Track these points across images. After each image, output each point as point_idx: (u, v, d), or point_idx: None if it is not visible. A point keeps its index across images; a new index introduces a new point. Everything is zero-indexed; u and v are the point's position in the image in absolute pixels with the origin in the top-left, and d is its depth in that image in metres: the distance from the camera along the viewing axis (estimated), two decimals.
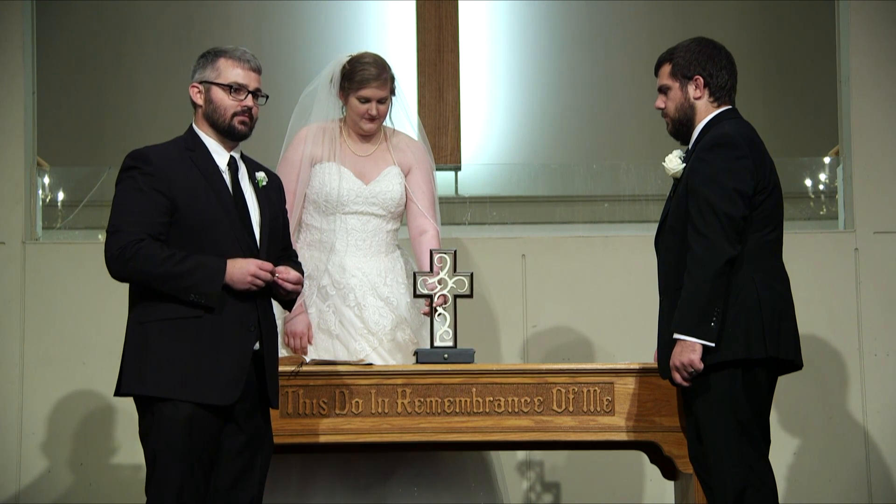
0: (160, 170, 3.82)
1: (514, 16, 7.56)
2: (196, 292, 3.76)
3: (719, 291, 3.96)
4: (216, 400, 3.76)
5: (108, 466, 5.99)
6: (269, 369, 3.90)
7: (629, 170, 6.68)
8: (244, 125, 3.93)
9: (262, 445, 3.92)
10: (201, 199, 3.83)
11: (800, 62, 7.42)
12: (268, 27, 7.48)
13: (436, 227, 4.88)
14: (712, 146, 4.07)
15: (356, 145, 4.88)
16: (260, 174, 4.00)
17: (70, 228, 6.51)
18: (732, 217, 3.98)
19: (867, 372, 6.01)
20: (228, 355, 3.79)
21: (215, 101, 3.92)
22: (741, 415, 3.99)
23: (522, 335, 6.11)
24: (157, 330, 3.79)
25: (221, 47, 3.99)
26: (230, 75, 3.92)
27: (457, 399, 4.34)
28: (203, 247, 3.81)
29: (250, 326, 3.83)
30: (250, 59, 3.96)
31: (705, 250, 3.96)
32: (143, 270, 3.77)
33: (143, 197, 3.80)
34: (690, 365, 3.96)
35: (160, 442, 3.75)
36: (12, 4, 6.21)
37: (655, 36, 7.48)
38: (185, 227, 3.82)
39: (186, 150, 3.90)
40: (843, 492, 5.92)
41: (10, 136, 6.16)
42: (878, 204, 6.14)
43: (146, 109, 7.44)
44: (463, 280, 4.47)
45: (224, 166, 3.93)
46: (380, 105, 4.79)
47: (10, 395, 6.00)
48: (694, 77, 4.19)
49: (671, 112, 4.23)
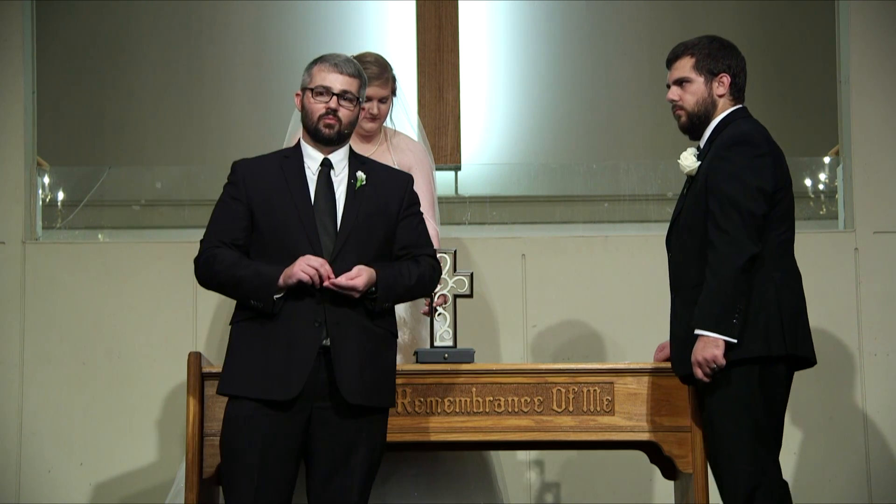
0: (242, 178, 3.96)
1: (514, 16, 7.55)
2: (255, 298, 3.85)
3: (742, 288, 3.98)
4: (274, 395, 3.81)
5: (108, 466, 5.99)
6: (342, 365, 3.86)
7: (629, 170, 6.68)
8: (328, 128, 3.97)
9: (358, 445, 3.90)
10: (278, 203, 3.92)
11: (800, 62, 7.42)
12: (268, 27, 7.47)
13: (435, 228, 4.88)
14: (733, 144, 4.08)
15: (357, 146, 4.86)
16: (359, 174, 4.01)
17: (70, 228, 6.50)
18: (755, 215, 4.00)
19: (867, 372, 6.01)
20: (289, 351, 3.83)
21: (306, 106, 4.01)
22: (756, 413, 4.01)
23: (522, 335, 6.11)
24: (236, 330, 3.94)
25: (323, 54, 4.06)
26: (318, 79, 3.98)
27: (457, 399, 4.34)
28: (279, 250, 3.89)
29: (315, 322, 3.85)
30: (341, 63, 4.00)
31: (729, 247, 3.98)
32: (214, 277, 3.93)
33: (226, 206, 3.97)
34: (714, 360, 3.98)
35: (225, 439, 3.88)
36: (12, 4, 6.21)
37: (655, 36, 7.48)
38: (262, 231, 3.93)
39: (282, 158, 4.01)
40: (843, 492, 5.93)
41: (10, 136, 6.16)
42: (878, 204, 6.14)
43: (146, 109, 7.44)
44: (463, 280, 4.47)
45: (316, 168, 3.98)
46: (381, 104, 4.79)
47: (10, 395, 6.00)
48: (720, 74, 4.20)
49: (690, 105, 4.23)
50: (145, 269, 6.07)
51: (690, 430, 4.30)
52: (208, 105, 7.42)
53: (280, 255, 3.88)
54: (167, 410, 6.00)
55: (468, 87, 6.46)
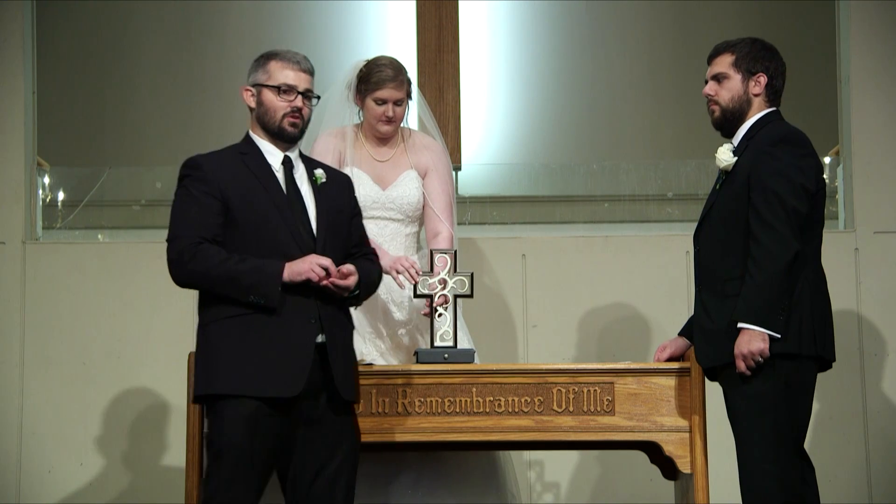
0: (211, 173, 3.89)
1: (514, 16, 7.56)
2: (255, 294, 3.79)
3: (787, 284, 4.02)
4: (278, 393, 3.79)
5: (108, 466, 5.99)
6: (337, 362, 3.89)
7: (629, 170, 6.68)
8: (294, 126, 3.98)
9: (343, 441, 3.92)
10: (254, 198, 3.89)
11: (800, 62, 7.40)
12: (268, 27, 7.48)
13: (450, 230, 4.81)
14: (778, 142, 4.12)
15: (374, 149, 4.85)
16: (318, 171, 4.03)
17: (70, 228, 6.51)
18: (799, 212, 4.05)
19: (867, 372, 6.01)
20: (288, 349, 3.82)
21: (266, 103, 3.97)
22: (779, 410, 4.04)
23: (522, 335, 6.11)
24: (217, 329, 3.84)
25: (274, 50, 4.04)
26: (280, 77, 3.96)
27: (457, 399, 4.34)
28: (260, 245, 3.85)
29: (310, 319, 3.85)
30: (301, 60, 4.00)
31: (775, 243, 4.02)
32: (202, 273, 3.83)
33: (197, 202, 3.87)
34: (760, 353, 4.00)
35: (222, 439, 3.78)
36: (12, 4, 6.21)
37: (655, 36, 7.49)
38: (241, 227, 3.87)
39: (240, 154, 3.97)
40: (843, 492, 5.92)
41: (10, 136, 6.16)
42: (878, 204, 6.14)
43: (146, 109, 7.44)
44: (463, 280, 4.47)
45: (278, 165, 3.97)
46: (396, 107, 4.76)
47: (10, 395, 6.00)
48: (758, 73, 4.23)
49: (725, 101, 4.25)
50: (145, 269, 6.07)
51: (690, 430, 4.30)
52: (208, 105, 7.42)
53: (260, 250, 3.85)
54: (167, 410, 6.00)
55: (468, 87, 6.46)
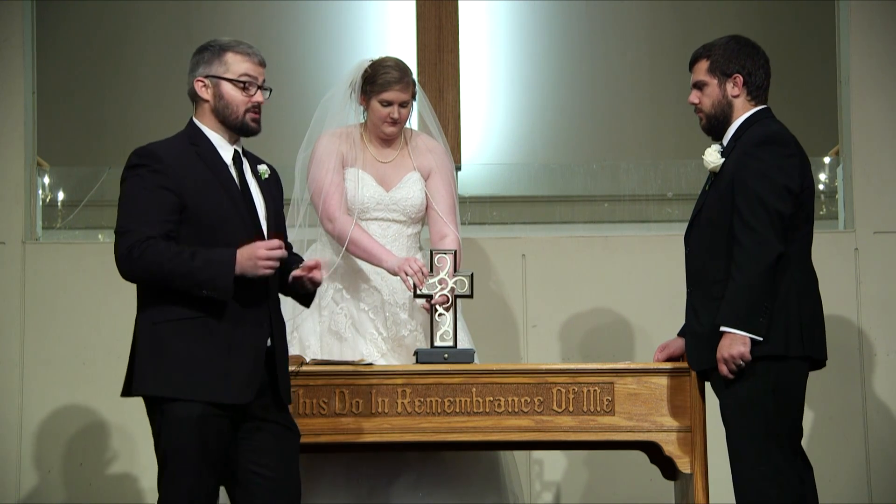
0: (168, 167, 3.76)
1: (514, 16, 7.56)
2: (208, 287, 3.69)
3: (768, 287, 4.01)
4: (232, 399, 3.73)
5: (107, 466, 5.99)
6: (281, 366, 3.87)
7: (629, 170, 6.68)
8: (256, 122, 3.89)
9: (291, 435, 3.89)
10: (212, 195, 3.79)
11: (800, 62, 7.42)
12: (268, 27, 7.48)
13: (456, 234, 4.80)
14: (762, 142, 4.10)
15: (378, 151, 4.83)
16: (262, 167, 3.96)
17: (70, 228, 6.51)
18: (782, 213, 4.03)
19: (867, 372, 6.01)
20: (242, 353, 3.75)
21: (226, 96, 3.86)
22: (768, 411, 4.04)
23: (522, 335, 6.11)
24: (170, 330, 3.73)
25: (222, 40, 3.92)
26: (239, 69, 3.87)
27: (457, 399, 4.34)
28: (216, 243, 3.75)
29: (262, 323, 3.81)
30: (257, 52, 3.91)
31: (756, 245, 4.00)
32: (152, 269, 3.70)
33: (152, 195, 3.73)
34: (741, 357, 4.00)
35: (172, 442, 3.72)
36: (12, 4, 6.21)
37: (655, 36, 7.49)
38: (197, 224, 3.76)
39: (191, 146, 3.85)
40: (843, 492, 5.93)
41: (10, 136, 6.16)
42: (878, 204, 6.14)
43: (146, 109, 7.44)
44: (463, 280, 4.47)
45: (229, 160, 3.88)
46: (401, 109, 4.74)
47: (10, 395, 6.00)
48: (733, 75, 4.21)
49: (707, 108, 4.25)
50: None
51: (690, 430, 4.30)
52: None
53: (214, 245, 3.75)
54: None
55: (468, 87, 6.46)
